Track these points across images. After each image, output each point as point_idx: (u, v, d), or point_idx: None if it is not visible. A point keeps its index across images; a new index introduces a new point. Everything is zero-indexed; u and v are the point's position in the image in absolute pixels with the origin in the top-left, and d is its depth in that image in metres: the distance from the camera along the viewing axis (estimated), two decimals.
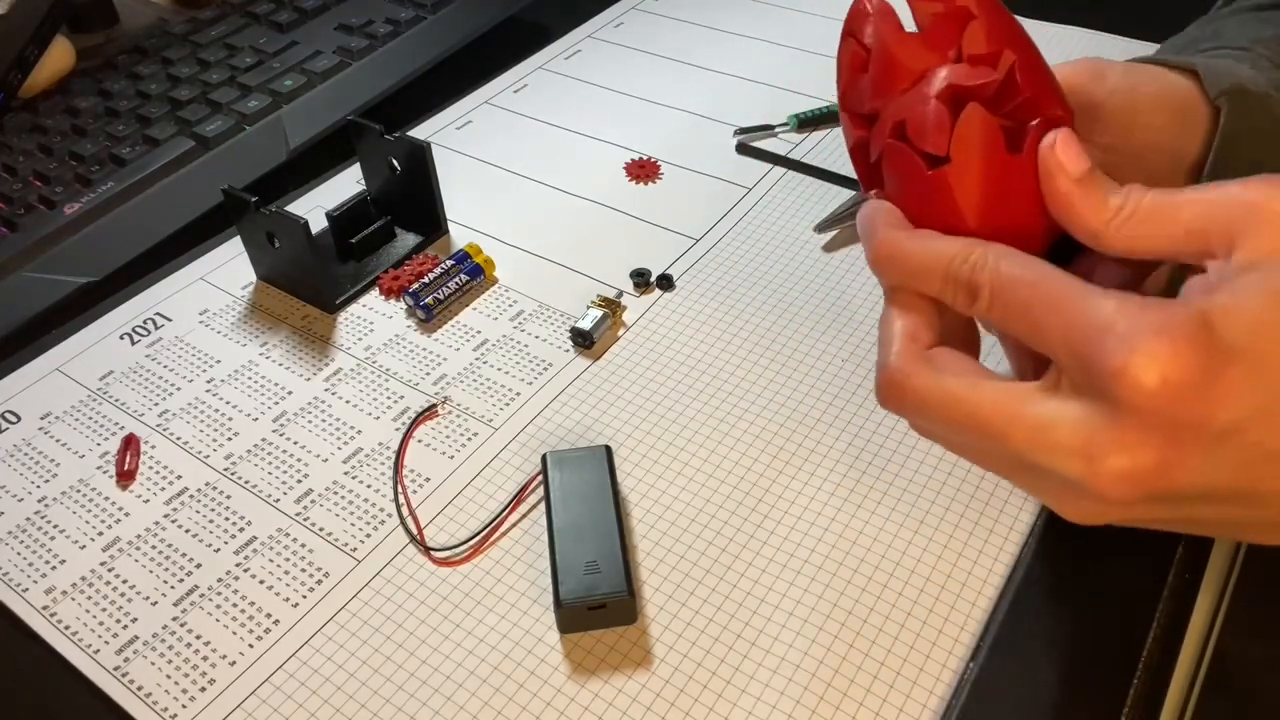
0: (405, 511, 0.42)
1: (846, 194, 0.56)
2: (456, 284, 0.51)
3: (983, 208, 0.30)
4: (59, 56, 0.67)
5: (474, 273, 0.52)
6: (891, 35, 0.32)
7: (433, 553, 0.40)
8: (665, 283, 0.52)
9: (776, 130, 0.62)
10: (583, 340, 0.48)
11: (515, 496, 0.42)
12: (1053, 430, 0.26)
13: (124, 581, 0.40)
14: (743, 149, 0.61)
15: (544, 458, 0.41)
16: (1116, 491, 0.25)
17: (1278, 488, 0.25)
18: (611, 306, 0.50)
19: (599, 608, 0.36)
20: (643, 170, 0.60)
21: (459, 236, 0.56)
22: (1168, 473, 0.25)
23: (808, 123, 0.62)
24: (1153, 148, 0.36)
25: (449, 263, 0.52)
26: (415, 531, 0.41)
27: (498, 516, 0.41)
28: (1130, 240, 0.27)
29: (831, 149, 0.60)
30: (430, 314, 0.50)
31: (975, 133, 0.29)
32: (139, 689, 0.36)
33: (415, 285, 0.51)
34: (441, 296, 0.50)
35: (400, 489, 0.43)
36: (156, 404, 0.47)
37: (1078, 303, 0.25)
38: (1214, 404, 0.24)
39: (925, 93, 0.30)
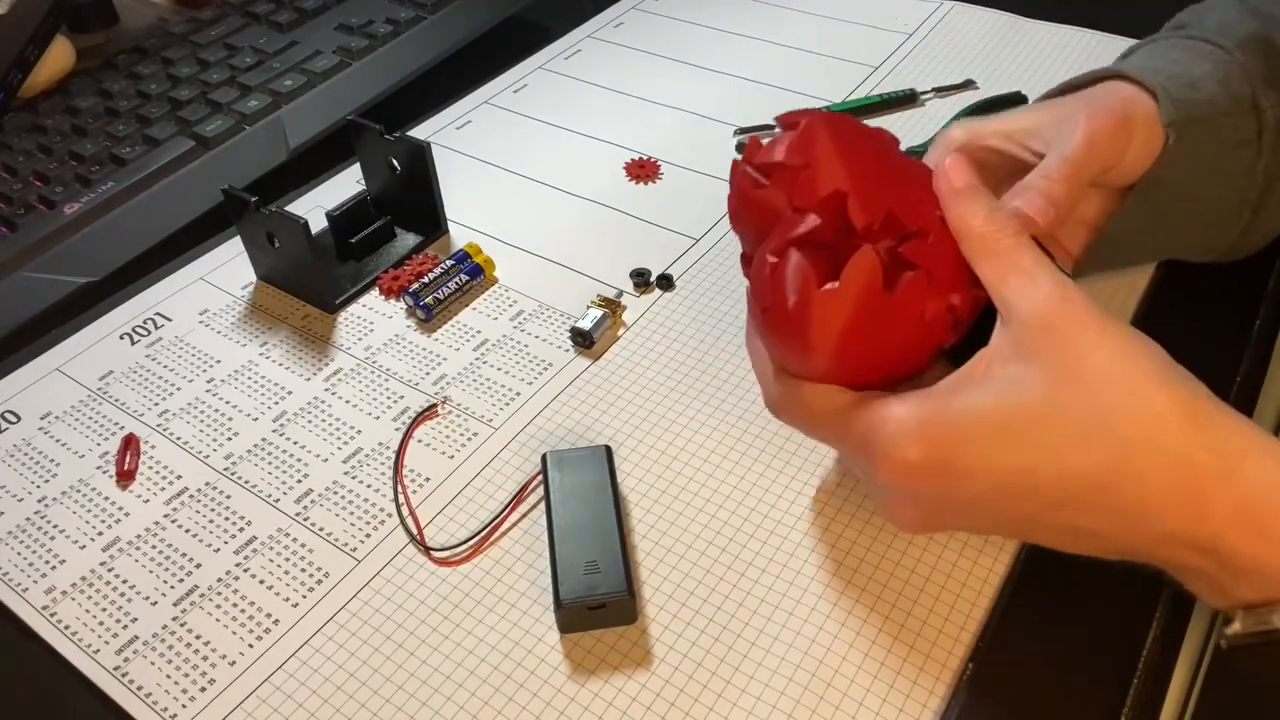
0: (405, 511, 0.42)
1: None
2: (456, 284, 0.51)
3: (823, 341, 0.33)
4: (59, 56, 0.67)
5: (474, 272, 0.52)
6: (747, 180, 0.36)
7: (433, 552, 0.40)
8: (665, 283, 0.52)
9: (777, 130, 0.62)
10: (583, 340, 0.48)
11: (515, 496, 0.42)
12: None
13: (124, 581, 0.40)
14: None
15: (544, 458, 0.41)
16: (896, 524, 0.35)
17: (1037, 538, 0.33)
18: (611, 306, 0.50)
19: (599, 608, 0.36)
20: (643, 170, 0.60)
21: (459, 236, 0.56)
22: (935, 524, 0.34)
23: None
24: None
25: (449, 263, 0.52)
26: (415, 531, 0.41)
27: (497, 516, 0.41)
28: (984, 253, 0.33)
29: None
30: (430, 314, 0.50)
31: (790, 279, 0.33)
32: (139, 689, 0.36)
33: (415, 285, 0.51)
34: (441, 296, 0.50)
35: (400, 489, 0.43)
36: (156, 404, 0.47)
37: (857, 419, 0.33)
38: (950, 482, 0.31)
39: (761, 255, 0.34)
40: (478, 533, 0.41)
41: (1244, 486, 0.29)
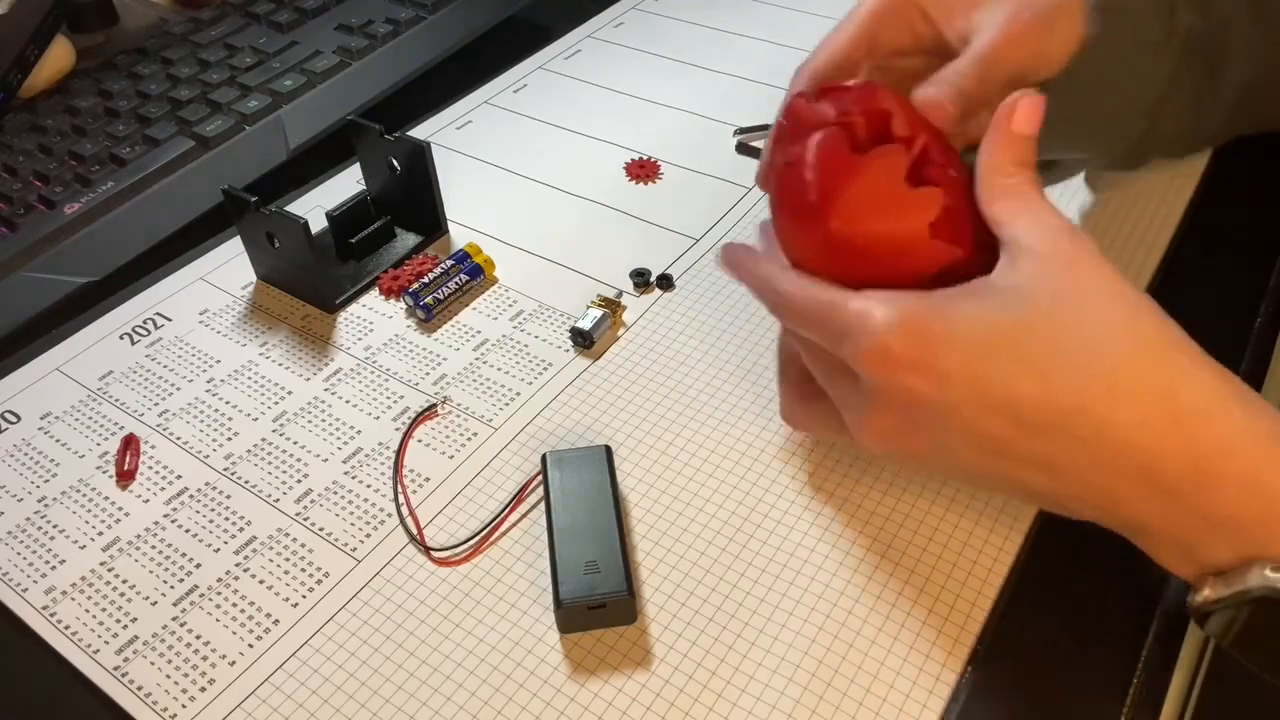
0: (405, 511, 0.42)
1: None
2: (456, 284, 0.51)
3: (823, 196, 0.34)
4: (59, 56, 0.67)
5: (474, 272, 0.52)
6: (802, 103, 0.37)
7: (432, 552, 0.40)
8: (665, 283, 0.52)
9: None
10: (583, 340, 0.48)
11: (515, 496, 0.42)
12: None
13: (124, 581, 0.40)
14: (743, 149, 0.61)
15: (544, 458, 0.41)
16: (871, 433, 0.34)
17: (1007, 472, 0.32)
18: (611, 306, 0.50)
19: (599, 608, 0.36)
20: (643, 170, 0.60)
21: (459, 236, 0.56)
22: (910, 438, 0.33)
23: None
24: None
25: (449, 263, 0.52)
26: (415, 531, 0.41)
27: (497, 516, 0.41)
28: (997, 189, 0.34)
29: None
30: (430, 314, 0.50)
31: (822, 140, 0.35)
32: (139, 689, 0.36)
33: (415, 285, 0.51)
34: (441, 296, 0.50)
35: (400, 489, 0.43)
36: (156, 404, 0.47)
37: (841, 304, 0.33)
38: (928, 383, 0.31)
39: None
40: (477, 533, 0.41)
41: (1227, 429, 0.29)
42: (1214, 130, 0.48)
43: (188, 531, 0.42)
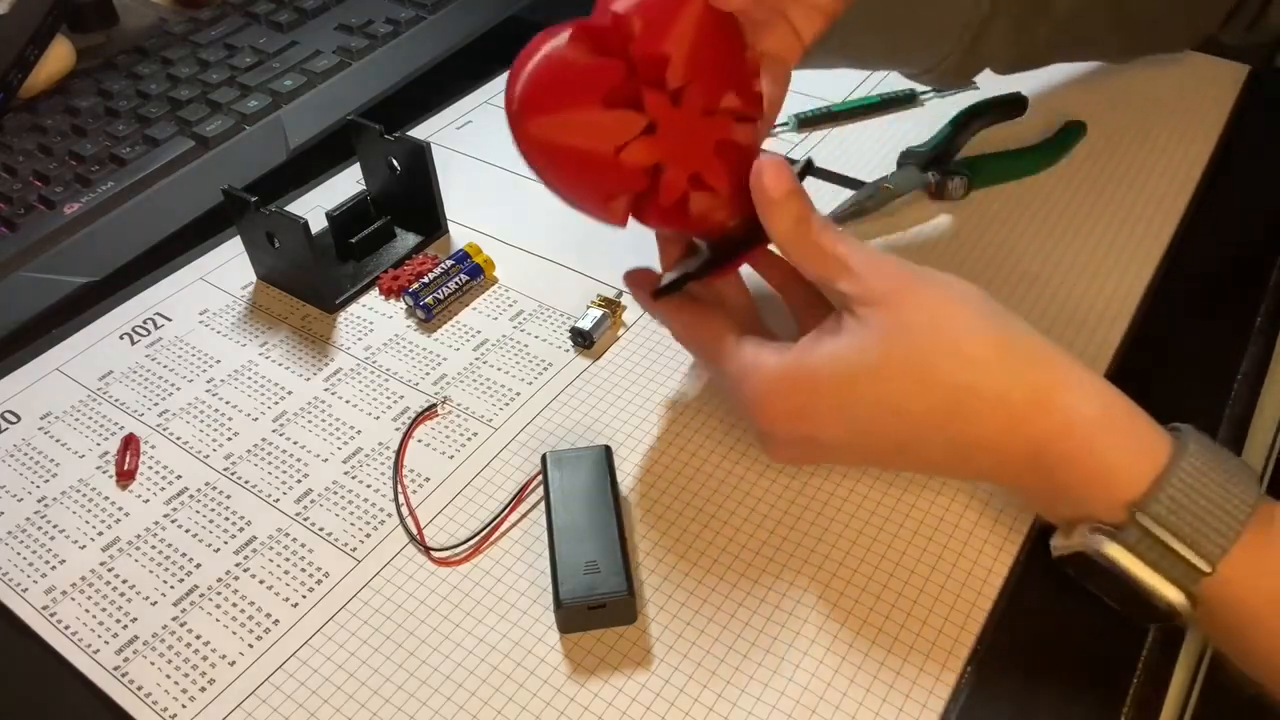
0: (405, 511, 0.42)
1: (846, 194, 0.55)
2: (456, 284, 0.51)
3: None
4: (59, 56, 0.67)
5: (474, 272, 0.52)
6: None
7: (432, 552, 0.40)
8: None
9: (777, 130, 0.62)
10: (583, 340, 0.48)
11: (515, 496, 0.42)
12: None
13: (124, 581, 0.40)
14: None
15: (544, 458, 0.41)
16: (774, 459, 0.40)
17: (892, 466, 0.40)
18: (611, 306, 0.49)
19: (599, 608, 0.36)
20: None
21: (459, 236, 0.56)
22: (805, 460, 0.41)
23: (808, 122, 0.62)
24: None
25: (449, 262, 0.52)
26: (415, 531, 0.41)
27: (497, 516, 0.41)
28: (803, 260, 0.37)
29: (832, 149, 0.60)
30: (430, 313, 0.50)
31: None
32: (139, 689, 0.36)
33: (415, 285, 0.51)
34: (441, 296, 0.50)
35: (400, 489, 0.43)
36: (156, 404, 0.47)
37: (727, 351, 0.39)
38: (805, 425, 0.36)
39: None
40: (477, 533, 0.41)
41: (1056, 418, 0.33)
42: (1037, 52, 0.52)
43: (188, 531, 0.42)
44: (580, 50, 0.36)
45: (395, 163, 0.54)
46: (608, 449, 0.41)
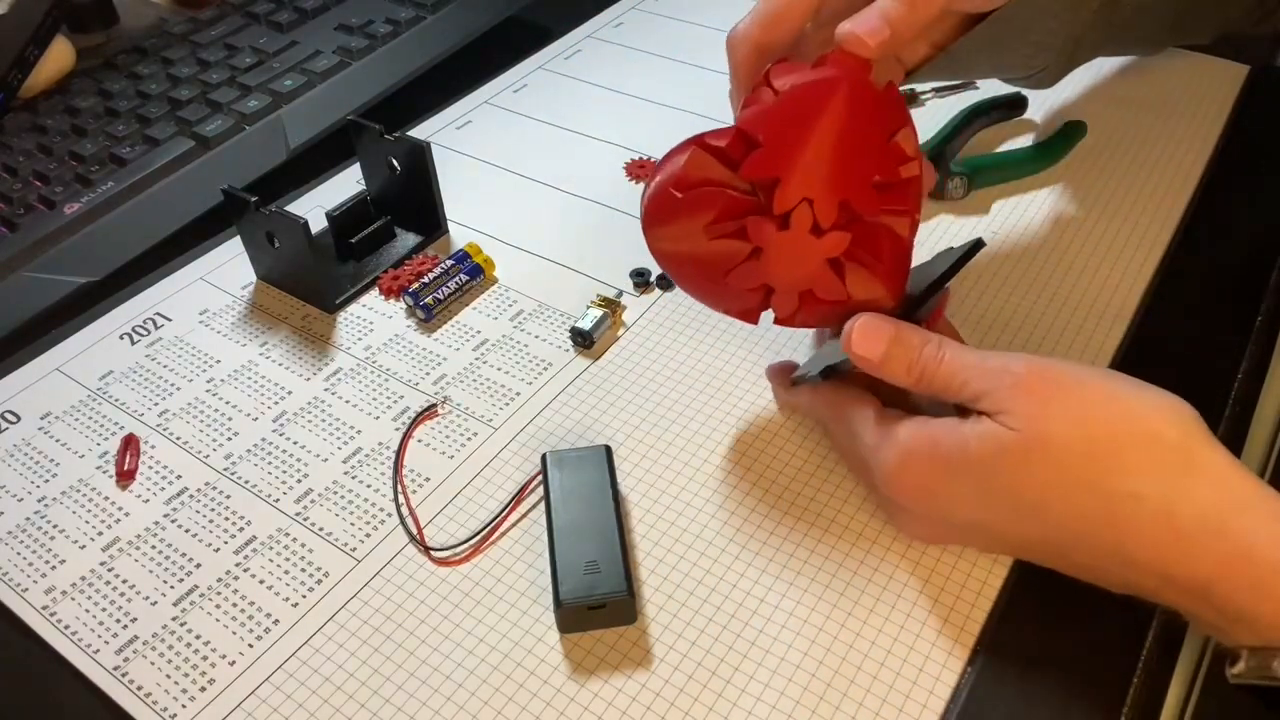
0: (405, 511, 0.42)
1: None
2: (456, 284, 0.51)
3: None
4: (59, 56, 0.67)
5: (474, 272, 0.52)
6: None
7: (432, 552, 0.40)
8: (665, 282, 0.52)
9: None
10: (583, 340, 0.48)
11: (515, 496, 0.42)
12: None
13: (124, 581, 0.40)
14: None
15: (544, 457, 0.41)
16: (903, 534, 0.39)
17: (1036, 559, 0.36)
18: (611, 306, 0.49)
19: (599, 608, 0.36)
20: (643, 170, 0.60)
21: (459, 236, 0.56)
22: (938, 539, 0.39)
23: None
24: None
25: (448, 262, 0.52)
26: (415, 531, 0.41)
27: (497, 516, 0.41)
28: (930, 389, 0.36)
29: None
30: (430, 314, 0.50)
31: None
32: (139, 689, 0.36)
33: (415, 285, 0.51)
34: (441, 296, 0.50)
35: (400, 489, 0.43)
36: (156, 404, 0.47)
37: (869, 424, 0.38)
38: (943, 505, 0.36)
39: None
40: (477, 533, 0.41)
41: (1231, 541, 0.30)
42: (1096, 50, 0.51)
43: (188, 531, 0.42)
44: (699, 166, 0.36)
45: (395, 163, 0.54)
46: (608, 449, 0.41)
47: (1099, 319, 0.48)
